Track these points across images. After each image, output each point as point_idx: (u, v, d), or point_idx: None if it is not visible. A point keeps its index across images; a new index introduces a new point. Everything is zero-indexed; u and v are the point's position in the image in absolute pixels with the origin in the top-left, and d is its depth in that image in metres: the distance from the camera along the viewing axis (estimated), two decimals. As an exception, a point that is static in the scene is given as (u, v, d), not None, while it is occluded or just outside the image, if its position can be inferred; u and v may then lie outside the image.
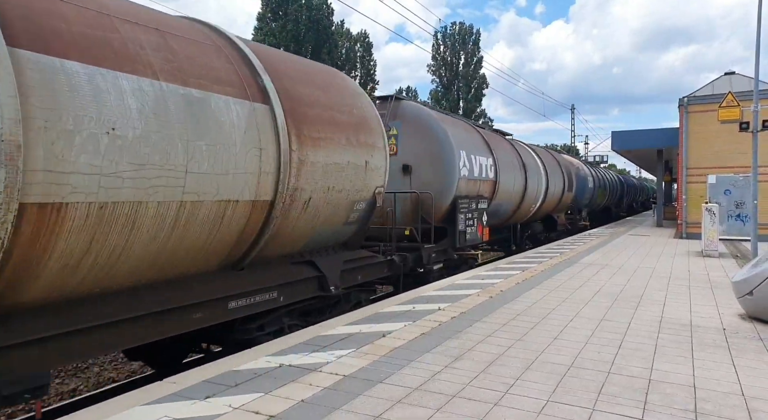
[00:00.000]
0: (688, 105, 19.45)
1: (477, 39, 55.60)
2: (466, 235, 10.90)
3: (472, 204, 11.21)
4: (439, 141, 10.54)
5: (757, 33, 11.91)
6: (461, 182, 10.75)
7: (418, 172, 10.62)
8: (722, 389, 4.21)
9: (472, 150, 11.43)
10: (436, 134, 10.62)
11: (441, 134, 10.61)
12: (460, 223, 10.61)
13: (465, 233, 10.84)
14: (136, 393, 4.03)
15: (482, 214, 11.70)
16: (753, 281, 6.43)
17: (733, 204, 17.44)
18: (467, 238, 10.96)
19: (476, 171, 11.46)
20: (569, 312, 6.88)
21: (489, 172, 12.18)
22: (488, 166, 12.21)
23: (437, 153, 10.54)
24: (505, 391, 4.11)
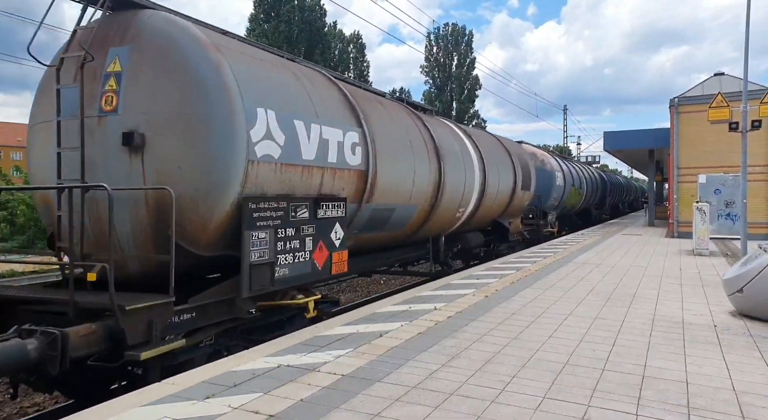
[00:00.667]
0: (679, 105, 19.65)
1: (470, 40, 55.87)
2: (275, 270, 5.76)
3: (298, 211, 6.12)
4: (201, 86, 5.30)
5: (745, 35, 12.08)
6: (259, 169, 5.64)
7: (159, 148, 5.31)
8: (714, 384, 4.29)
9: (299, 111, 6.37)
10: (196, 72, 5.32)
11: (206, 72, 5.35)
12: (252, 248, 5.44)
13: (270, 267, 5.68)
14: (135, 394, 4.05)
15: (331, 228, 6.70)
16: (743, 279, 6.54)
17: (723, 203, 17.64)
18: (278, 274, 5.81)
19: (309, 150, 6.40)
20: (564, 310, 6.96)
21: (350, 154, 7.23)
22: (349, 144, 7.23)
23: (198, 111, 5.28)
24: (501, 388, 4.17)
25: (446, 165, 10.17)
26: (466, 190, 11.22)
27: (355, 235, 7.71)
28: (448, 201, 10.45)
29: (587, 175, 28.31)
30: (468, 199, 11.50)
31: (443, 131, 11.09)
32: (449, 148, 10.67)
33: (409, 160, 8.81)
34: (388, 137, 8.35)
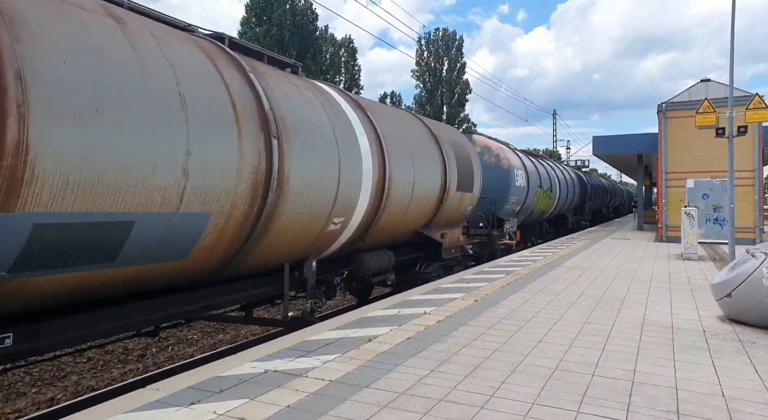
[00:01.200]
0: (667, 111, 19.82)
1: (460, 45, 56.05)
2: None
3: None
4: None
5: (731, 44, 12.20)
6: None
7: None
8: (703, 390, 4.28)
9: None
10: None
11: None
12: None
13: None
14: (119, 401, 3.97)
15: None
16: (731, 284, 6.57)
17: (711, 208, 17.78)
18: None
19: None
20: (553, 315, 6.94)
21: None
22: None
23: None
24: (491, 394, 4.13)
25: (288, 145, 6.09)
26: (343, 189, 7.13)
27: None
28: (303, 205, 6.41)
29: (562, 176, 24.35)
30: (349, 204, 7.40)
31: (287, 91, 6.60)
32: (297, 120, 6.44)
33: (167, 126, 4.60)
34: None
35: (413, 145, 9.70)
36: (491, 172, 15.44)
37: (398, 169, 8.82)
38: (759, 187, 18.52)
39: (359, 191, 7.69)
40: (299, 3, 41.77)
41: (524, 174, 17.77)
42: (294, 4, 41.48)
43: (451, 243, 11.79)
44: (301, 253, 7.11)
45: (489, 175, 14.85)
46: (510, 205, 16.59)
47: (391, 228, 9.22)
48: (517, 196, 17.05)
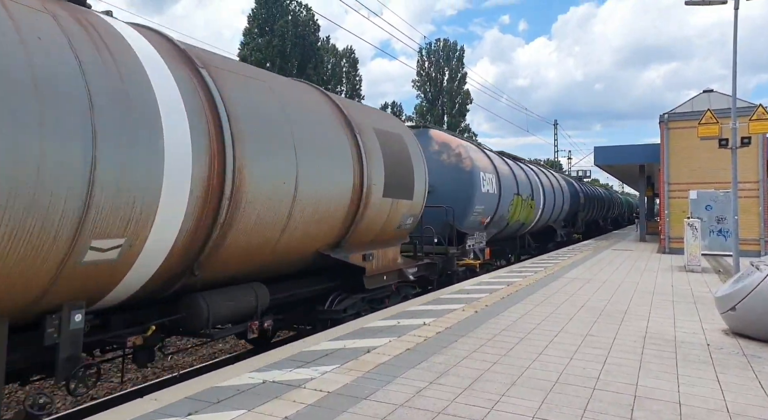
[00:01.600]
0: (669, 121, 19.82)
1: (461, 55, 56.36)
2: None
3: None
4: None
5: (733, 56, 12.22)
6: None
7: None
8: (707, 406, 4.21)
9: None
10: None
11: None
12: None
13: None
14: (116, 411, 3.92)
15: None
16: (735, 297, 6.49)
17: (715, 219, 17.73)
18: None
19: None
20: (554, 327, 6.87)
21: None
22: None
23: None
24: (490, 407, 4.07)
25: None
26: (105, 190, 4.21)
27: None
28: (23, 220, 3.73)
29: (548, 183, 20.87)
30: (133, 216, 4.48)
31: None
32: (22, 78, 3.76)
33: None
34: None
35: (300, 129, 6.63)
36: (450, 175, 12.48)
37: (259, 162, 5.80)
38: (764, 198, 18.45)
39: (159, 194, 4.67)
40: (301, 14, 42.07)
41: (494, 178, 14.23)
42: (296, 16, 41.77)
43: (382, 267, 8.76)
44: (26, 304, 4.11)
45: (447, 178, 12.31)
46: (475, 216, 13.11)
47: (255, 252, 6.07)
48: (485, 205, 13.46)
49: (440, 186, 12.09)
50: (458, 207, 12.24)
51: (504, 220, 15.44)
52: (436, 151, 12.85)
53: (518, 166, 18.10)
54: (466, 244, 12.54)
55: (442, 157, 12.83)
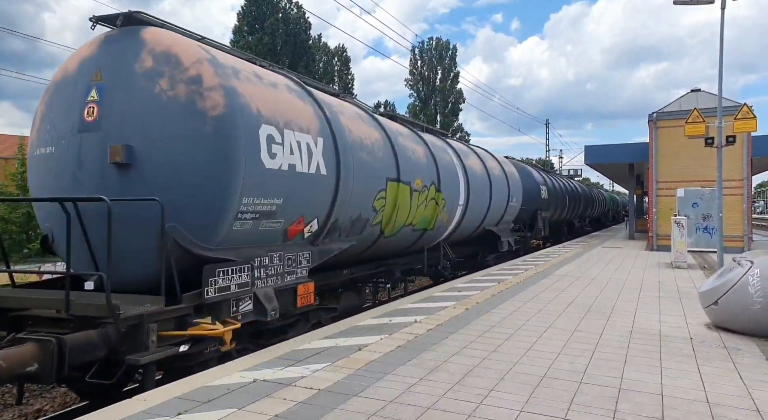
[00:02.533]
0: (657, 120, 20.04)
1: (454, 54, 56.51)
2: None
3: None
4: None
5: (720, 56, 12.39)
6: None
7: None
8: (688, 397, 4.32)
9: None
10: None
11: None
12: None
13: None
14: (103, 412, 3.95)
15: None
16: (718, 291, 6.63)
17: (701, 217, 17.95)
18: None
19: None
20: (543, 323, 6.98)
21: None
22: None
23: None
24: (479, 402, 4.15)
25: None
26: None
27: None
28: None
29: (479, 168, 13.91)
30: None
31: None
32: None
33: None
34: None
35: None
36: (174, 127, 5.49)
37: None
38: (747, 196, 18.71)
39: None
40: (292, 12, 42.00)
41: (312, 142, 6.75)
42: (286, 13, 41.70)
43: None
44: None
45: (165, 134, 5.49)
46: (243, 222, 5.77)
47: None
48: (281, 198, 6.20)
49: (147, 151, 5.42)
50: (192, 202, 5.40)
51: (363, 225, 8.15)
52: (149, 70, 5.59)
53: (413, 136, 10.80)
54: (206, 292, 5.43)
55: (160, 86, 5.52)
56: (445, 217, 11.52)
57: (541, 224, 20.66)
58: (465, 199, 12.53)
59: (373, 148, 8.46)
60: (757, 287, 6.21)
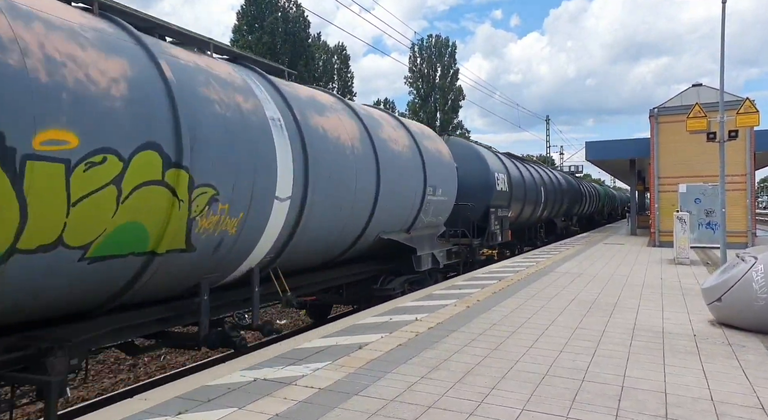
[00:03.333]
0: (659, 116, 19.94)
1: (453, 51, 56.35)
2: None
3: None
4: None
5: (721, 50, 12.32)
6: None
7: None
8: (692, 394, 4.28)
9: None
10: None
11: None
12: None
13: None
14: (104, 411, 3.93)
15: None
16: (721, 288, 6.59)
17: (704, 212, 17.90)
18: None
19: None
20: (545, 321, 6.94)
21: None
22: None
23: None
24: (480, 400, 4.12)
25: None
26: None
27: None
28: None
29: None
30: None
31: None
32: None
33: None
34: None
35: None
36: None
37: None
38: (751, 191, 18.63)
39: None
40: (291, 10, 41.91)
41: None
42: (285, 12, 41.61)
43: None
44: None
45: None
46: None
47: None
48: None
49: None
50: None
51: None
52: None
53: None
54: None
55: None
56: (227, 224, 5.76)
57: (496, 227, 15.08)
58: (299, 188, 6.81)
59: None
60: (761, 283, 6.16)
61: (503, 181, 15.96)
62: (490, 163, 15.51)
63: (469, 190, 13.75)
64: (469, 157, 14.81)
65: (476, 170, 14.65)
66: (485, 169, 15.00)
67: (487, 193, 14.77)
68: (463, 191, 13.08)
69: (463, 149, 15.14)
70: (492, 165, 15.49)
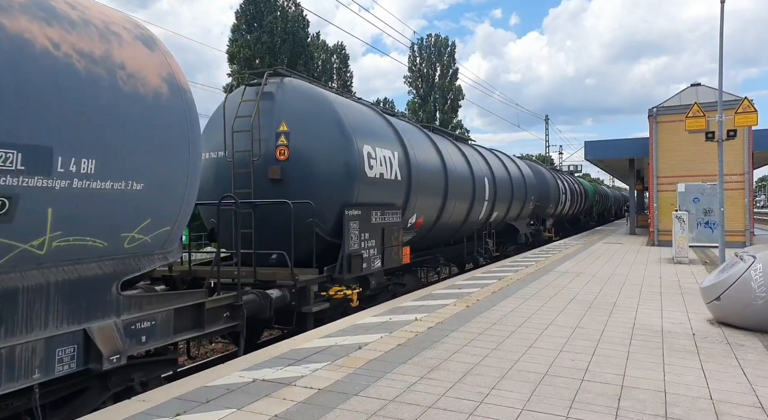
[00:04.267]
0: (657, 115, 19.96)
1: (452, 51, 56.32)
2: None
3: None
4: None
5: (720, 49, 12.31)
6: None
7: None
8: (692, 394, 4.28)
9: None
10: None
11: None
12: None
13: None
14: (103, 412, 3.92)
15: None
16: (720, 287, 6.59)
17: (702, 211, 17.91)
18: None
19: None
20: (544, 320, 6.94)
21: None
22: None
23: None
24: (480, 400, 4.11)
25: None
26: None
27: None
28: None
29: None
30: None
31: None
32: None
33: None
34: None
35: None
36: None
37: None
38: (749, 190, 18.65)
39: None
40: (290, 10, 41.87)
41: None
42: (284, 11, 41.57)
43: None
44: None
45: None
46: None
47: None
48: None
49: None
50: None
51: None
52: None
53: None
54: None
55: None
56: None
57: (364, 243, 9.02)
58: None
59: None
60: (759, 282, 6.17)
61: (388, 161, 9.01)
62: (350, 124, 8.22)
63: (305, 176, 7.87)
64: (308, 113, 8.06)
65: (322, 137, 7.99)
66: (339, 135, 8.01)
67: (342, 182, 7.94)
68: (293, 179, 7.85)
69: (301, 98, 8.21)
70: (353, 128, 8.23)
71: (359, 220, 8.04)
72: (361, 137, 8.36)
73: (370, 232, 8.31)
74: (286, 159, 7.94)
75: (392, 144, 9.50)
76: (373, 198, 8.56)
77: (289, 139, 7.96)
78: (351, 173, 8.00)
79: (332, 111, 8.14)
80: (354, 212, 7.92)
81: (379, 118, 10.03)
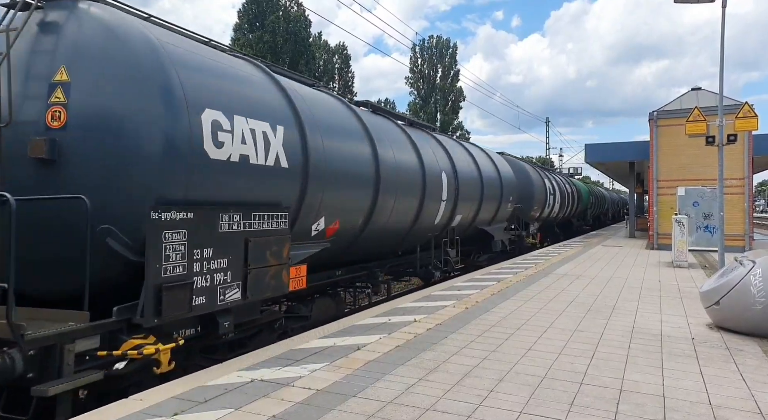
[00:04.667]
0: (658, 119, 19.97)
1: (454, 52, 56.42)
2: None
3: None
4: None
5: (720, 53, 12.32)
6: None
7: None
8: (690, 398, 4.28)
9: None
10: None
11: None
12: None
13: None
14: (100, 412, 3.91)
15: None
16: (720, 291, 6.58)
17: (702, 215, 17.91)
18: None
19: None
20: (543, 323, 6.93)
21: None
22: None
23: None
24: (478, 403, 4.10)
25: None
26: None
27: None
28: None
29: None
30: None
31: None
32: None
33: None
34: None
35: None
36: None
37: None
38: (749, 195, 18.66)
39: None
40: (292, 9, 41.90)
41: None
42: (287, 11, 41.60)
43: None
44: None
45: None
46: None
47: None
48: None
49: None
50: None
51: None
52: None
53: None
54: None
55: None
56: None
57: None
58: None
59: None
60: (759, 287, 6.16)
61: (262, 138, 5.96)
62: (184, 75, 5.19)
63: (93, 153, 4.89)
64: (106, 55, 4.96)
65: (125, 93, 4.90)
66: (155, 88, 4.94)
67: (156, 165, 4.85)
68: (74, 159, 4.87)
69: (96, 32, 5.07)
70: (189, 81, 5.21)
71: (188, 227, 4.84)
72: (205, 97, 5.28)
73: (215, 247, 5.16)
74: (62, 126, 4.86)
75: (274, 113, 6.29)
76: (227, 193, 5.50)
77: (68, 94, 4.88)
78: (173, 151, 4.85)
79: (146, 50, 4.97)
80: (174, 215, 4.72)
81: (259, 73, 6.75)
